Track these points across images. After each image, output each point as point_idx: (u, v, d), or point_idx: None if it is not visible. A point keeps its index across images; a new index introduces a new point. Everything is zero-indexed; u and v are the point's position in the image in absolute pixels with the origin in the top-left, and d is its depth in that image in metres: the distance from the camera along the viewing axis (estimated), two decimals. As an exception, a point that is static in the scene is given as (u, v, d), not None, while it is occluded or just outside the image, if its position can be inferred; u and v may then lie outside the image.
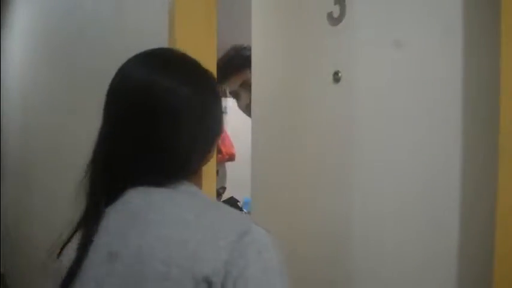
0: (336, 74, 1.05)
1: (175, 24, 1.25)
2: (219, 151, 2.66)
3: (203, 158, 0.78)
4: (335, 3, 1.04)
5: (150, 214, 0.69)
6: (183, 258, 0.63)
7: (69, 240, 0.77)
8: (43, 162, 2.81)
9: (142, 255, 0.65)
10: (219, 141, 2.48)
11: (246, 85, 1.68)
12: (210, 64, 1.10)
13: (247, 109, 1.69)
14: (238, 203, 2.21)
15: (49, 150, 2.70)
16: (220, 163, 2.79)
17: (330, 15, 1.05)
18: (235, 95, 1.75)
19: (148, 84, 0.73)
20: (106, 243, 0.70)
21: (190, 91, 0.73)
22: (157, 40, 1.37)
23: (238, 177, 1.78)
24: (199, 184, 0.78)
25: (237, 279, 0.62)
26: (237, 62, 1.72)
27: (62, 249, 0.77)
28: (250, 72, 1.62)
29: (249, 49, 1.66)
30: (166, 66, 0.75)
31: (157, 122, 0.72)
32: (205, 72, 0.79)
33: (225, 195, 2.46)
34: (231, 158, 2.94)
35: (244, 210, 2.12)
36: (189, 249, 0.63)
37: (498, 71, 0.85)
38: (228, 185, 2.80)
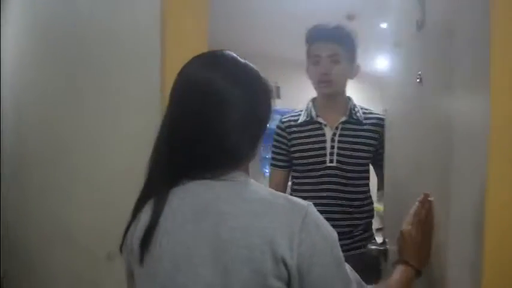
0: (419, 74, 1.18)
1: (167, 26, 1.26)
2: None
3: (251, 150, 0.88)
4: (420, 11, 1.19)
5: (221, 207, 0.80)
6: (263, 244, 0.75)
7: (130, 224, 0.87)
8: (38, 161, 2.79)
9: (223, 242, 0.77)
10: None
11: (331, 58, 1.73)
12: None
13: (312, 74, 1.77)
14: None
15: (43, 149, 2.68)
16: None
17: (417, 22, 1.20)
18: (315, 61, 1.75)
19: (207, 82, 0.84)
20: (179, 228, 0.80)
21: (242, 90, 0.84)
22: (148, 40, 1.37)
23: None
24: (248, 174, 0.89)
25: (306, 253, 0.76)
26: (345, 37, 1.75)
27: (125, 233, 0.87)
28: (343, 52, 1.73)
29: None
30: (224, 69, 0.86)
31: (213, 116, 0.83)
32: (257, 76, 0.89)
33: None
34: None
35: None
36: (268, 236, 0.76)
37: (488, 71, 0.86)
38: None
